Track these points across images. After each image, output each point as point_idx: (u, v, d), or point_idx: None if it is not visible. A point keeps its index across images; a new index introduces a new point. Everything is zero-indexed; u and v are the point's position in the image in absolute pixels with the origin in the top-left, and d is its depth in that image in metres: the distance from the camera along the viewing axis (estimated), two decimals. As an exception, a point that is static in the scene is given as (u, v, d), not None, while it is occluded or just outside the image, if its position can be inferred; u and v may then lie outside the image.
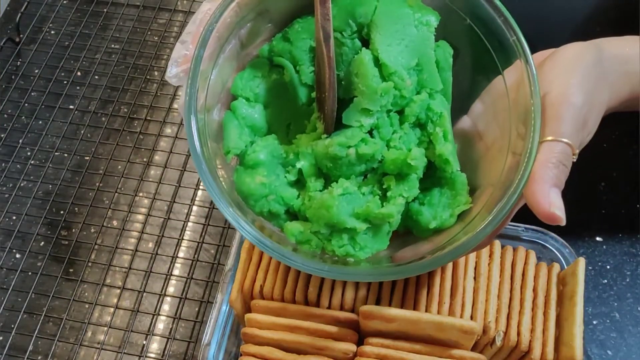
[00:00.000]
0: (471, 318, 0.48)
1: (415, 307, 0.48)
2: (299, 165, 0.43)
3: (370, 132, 0.43)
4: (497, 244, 0.52)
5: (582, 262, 0.50)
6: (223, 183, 0.41)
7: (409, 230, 0.44)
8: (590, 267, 0.60)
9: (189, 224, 0.65)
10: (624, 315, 0.58)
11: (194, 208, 0.66)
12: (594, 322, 0.58)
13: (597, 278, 0.60)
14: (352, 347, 0.47)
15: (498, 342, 0.48)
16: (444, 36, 0.45)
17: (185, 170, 0.68)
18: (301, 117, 0.45)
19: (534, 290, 0.50)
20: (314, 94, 0.44)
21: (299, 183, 0.44)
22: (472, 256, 0.50)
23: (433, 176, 0.44)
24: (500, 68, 0.43)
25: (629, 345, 0.57)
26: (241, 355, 0.49)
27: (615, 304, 0.59)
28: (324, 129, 0.44)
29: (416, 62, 0.43)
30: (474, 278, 0.50)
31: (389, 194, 0.43)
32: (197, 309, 0.60)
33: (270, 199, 0.43)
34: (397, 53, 0.43)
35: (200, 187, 0.67)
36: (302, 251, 0.43)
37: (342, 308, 0.49)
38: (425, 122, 0.44)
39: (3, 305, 0.60)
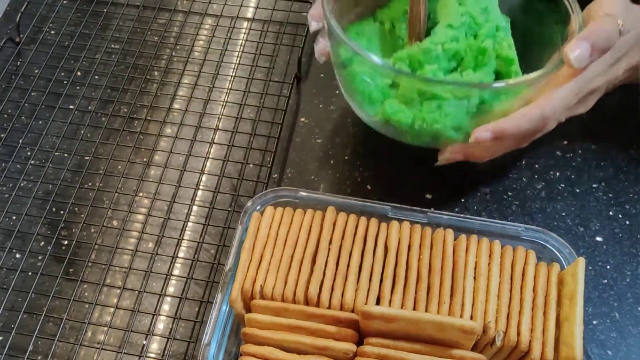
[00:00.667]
0: (471, 318, 0.48)
1: (415, 307, 0.49)
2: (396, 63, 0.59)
3: None
4: (497, 243, 0.52)
5: (582, 262, 0.50)
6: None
7: None
8: (590, 267, 0.60)
9: (189, 224, 0.65)
10: (624, 315, 0.58)
11: (194, 208, 0.66)
12: (594, 322, 0.58)
13: (597, 278, 0.60)
14: (352, 347, 0.47)
15: (498, 342, 0.48)
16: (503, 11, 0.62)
17: (185, 170, 0.68)
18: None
19: (534, 290, 0.50)
20: (406, 40, 0.62)
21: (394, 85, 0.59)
22: (472, 256, 0.51)
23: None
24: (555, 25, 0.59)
25: (629, 345, 0.57)
26: (241, 355, 0.49)
27: (616, 304, 0.59)
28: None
29: (485, 6, 0.60)
30: (474, 278, 0.50)
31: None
32: (197, 309, 0.60)
33: (371, 86, 0.59)
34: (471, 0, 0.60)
35: (201, 187, 0.67)
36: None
37: (342, 308, 0.49)
38: (493, 45, 0.59)
39: (3, 305, 0.60)
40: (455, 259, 0.51)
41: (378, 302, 0.50)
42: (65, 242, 0.64)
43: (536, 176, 0.67)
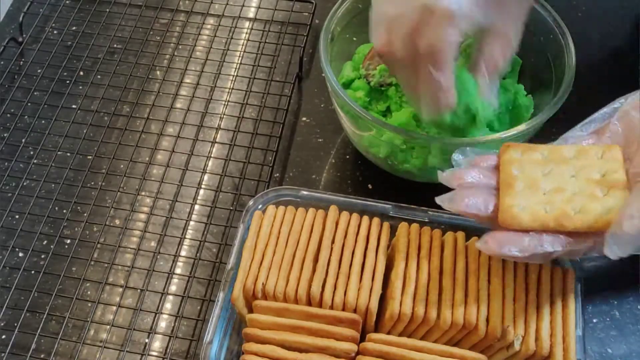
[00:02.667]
0: (487, 322, 0.47)
1: (426, 309, 0.47)
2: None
3: None
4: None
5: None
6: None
7: None
8: (590, 265, 0.60)
9: (191, 222, 0.65)
10: (624, 314, 0.58)
11: (196, 207, 0.66)
12: (594, 320, 0.58)
13: (597, 276, 0.60)
14: (353, 347, 0.47)
15: (517, 346, 0.47)
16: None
17: (187, 169, 0.69)
18: None
19: (552, 294, 0.48)
20: None
21: (387, 112, 0.63)
22: (485, 259, 0.50)
23: None
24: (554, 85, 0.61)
25: (629, 343, 0.57)
26: (243, 353, 0.49)
27: (616, 302, 0.59)
28: None
29: None
30: (488, 281, 0.49)
31: None
32: (199, 308, 0.60)
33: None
34: None
35: (203, 186, 0.68)
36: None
37: (344, 307, 0.49)
38: None
39: (6, 304, 0.60)
40: (467, 261, 0.50)
41: (382, 302, 0.50)
42: (68, 241, 0.65)
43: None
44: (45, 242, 0.65)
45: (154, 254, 0.63)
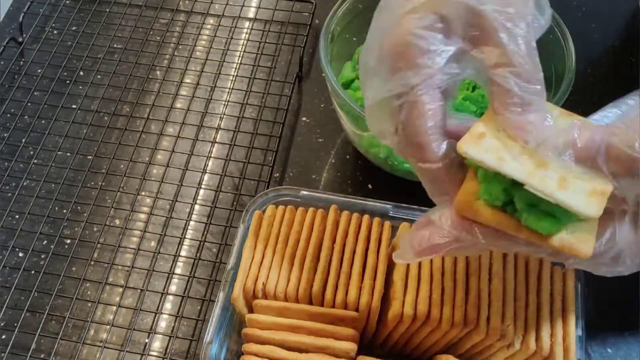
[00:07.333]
0: (488, 321, 0.47)
1: (430, 309, 0.48)
2: None
3: None
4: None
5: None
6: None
7: None
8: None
9: (191, 222, 0.65)
10: (624, 314, 0.58)
11: (196, 207, 0.66)
12: (594, 320, 0.58)
13: (598, 275, 0.60)
14: (353, 347, 0.48)
15: (517, 346, 0.47)
16: None
17: (187, 169, 0.69)
18: None
19: (552, 294, 0.49)
20: None
21: None
22: (486, 259, 0.50)
23: None
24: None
25: (629, 343, 0.57)
26: (243, 354, 0.49)
27: (616, 300, 0.59)
28: None
29: None
30: (489, 280, 0.49)
31: None
32: (199, 307, 0.60)
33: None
34: None
35: (203, 186, 0.68)
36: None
37: (345, 307, 0.49)
38: None
39: (6, 304, 0.60)
40: (468, 261, 0.50)
41: (384, 302, 0.50)
42: (68, 241, 0.65)
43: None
44: (45, 242, 0.65)
45: (154, 254, 0.63)
